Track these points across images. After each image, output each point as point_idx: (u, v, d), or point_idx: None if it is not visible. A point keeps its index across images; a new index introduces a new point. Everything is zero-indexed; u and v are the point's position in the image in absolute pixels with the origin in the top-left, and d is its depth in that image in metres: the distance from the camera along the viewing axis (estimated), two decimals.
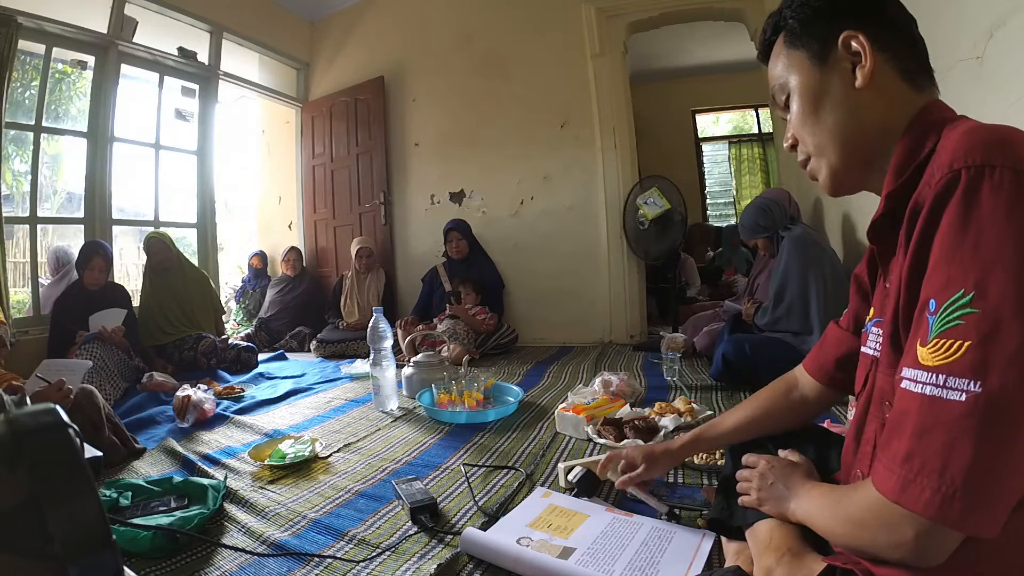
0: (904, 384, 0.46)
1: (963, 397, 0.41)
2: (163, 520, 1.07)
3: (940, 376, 0.42)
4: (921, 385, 0.44)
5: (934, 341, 0.44)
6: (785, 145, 0.70)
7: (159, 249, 3.02)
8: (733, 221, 5.82)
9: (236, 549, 1.03)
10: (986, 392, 0.40)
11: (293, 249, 4.28)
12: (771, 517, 0.71)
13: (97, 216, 3.15)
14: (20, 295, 3.38)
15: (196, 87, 3.72)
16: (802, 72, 0.64)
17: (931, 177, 0.48)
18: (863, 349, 0.69)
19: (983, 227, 0.43)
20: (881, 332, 0.63)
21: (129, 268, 5.25)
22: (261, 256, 4.62)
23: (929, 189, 0.48)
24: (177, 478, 1.28)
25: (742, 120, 6.55)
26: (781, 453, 0.77)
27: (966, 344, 0.41)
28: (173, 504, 1.17)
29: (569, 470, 1.23)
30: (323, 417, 1.99)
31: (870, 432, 0.63)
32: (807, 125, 0.65)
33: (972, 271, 0.42)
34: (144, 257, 3.11)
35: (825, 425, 1.38)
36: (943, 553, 0.44)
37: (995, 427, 0.40)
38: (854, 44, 0.60)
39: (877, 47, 0.59)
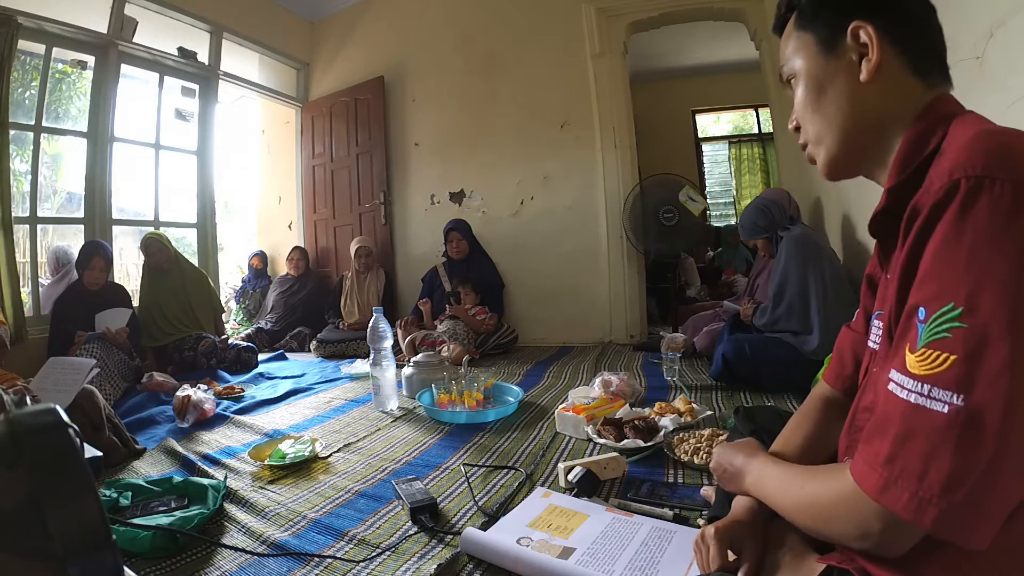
0: (891, 387, 0.47)
1: (945, 409, 0.42)
2: (163, 520, 1.07)
3: (925, 386, 0.43)
4: (907, 392, 0.45)
5: (922, 350, 0.44)
6: (790, 126, 0.69)
7: (157, 249, 3.02)
8: (733, 221, 5.83)
9: (236, 549, 1.03)
10: (968, 406, 0.41)
11: (297, 249, 4.26)
12: (771, 518, 0.71)
13: (97, 216, 3.15)
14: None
15: (196, 87, 3.72)
16: (808, 57, 0.63)
17: (931, 183, 0.48)
18: (868, 342, 0.69)
19: (978, 241, 0.43)
20: (881, 325, 0.63)
21: (129, 268, 5.24)
22: (261, 256, 4.62)
23: (928, 196, 0.47)
24: (177, 478, 1.28)
25: (742, 120, 6.55)
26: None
27: (952, 358, 0.42)
28: (173, 504, 1.17)
29: (569, 470, 1.23)
30: (323, 417, 1.99)
31: (862, 420, 0.64)
32: (808, 111, 0.64)
33: (963, 285, 0.43)
34: (144, 257, 3.11)
35: None
36: (905, 547, 0.47)
37: (975, 440, 0.41)
38: (862, 35, 0.58)
39: (887, 40, 0.57)
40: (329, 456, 1.54)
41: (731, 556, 0.68)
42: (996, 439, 0.40)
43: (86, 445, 0.51)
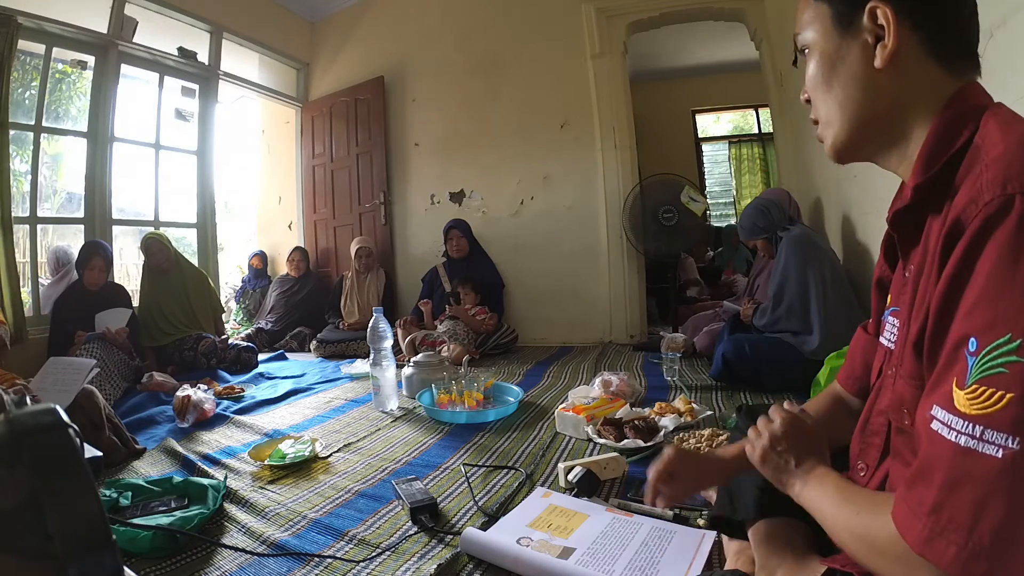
0: (935, 426, 0.43)
1: (1000, 453, 0.37)
2: (163, 520, 1.07)
3: (977, 427, 0.39)
4: (956, 433, 0.40)
5: (973, 386, 0.40)
6: (801, 98, 0.65)
7: (157, 249, 3.02)
8: (733, 221, 5.83)
9: (236, 549, 1.03)
10: None
11: (298, 249, 4.26)
12: (774, 518, 0.70)
13: (97, 216, 3.14)
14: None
15: (196, 87, 3.72)
16: (822, 32, 0.58)
17: (979, 194, 0.43)
18: (880, 339, 0.66)
19: None
20: (898, 322, 0.61)
21: (129, 268, 5.24)
22: (261, 256, 4.62)
23: (975, 208, 0.43)
24: (177, 478, 1.28)
25: (742, 120, 6.55)
26: (785, 405, 0.68)
27: (1008, 396, 0.38)
28: (173, 504, 1.17)
29: (569, 470, 1.23)
30: (323, 417, 1.99)
31: (877, 424, 0.62)
32: (819, 90, 0.60)
33: (1022, 315, 0.38)
34: (144, 257, 3.11)
35: None
36: None
37: None
38: (880, 16, 0.53)
39: (909, 24, 0.52)
40: (329, 456, 1.54)
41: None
42: None
43: (86, 445, 0.51)
